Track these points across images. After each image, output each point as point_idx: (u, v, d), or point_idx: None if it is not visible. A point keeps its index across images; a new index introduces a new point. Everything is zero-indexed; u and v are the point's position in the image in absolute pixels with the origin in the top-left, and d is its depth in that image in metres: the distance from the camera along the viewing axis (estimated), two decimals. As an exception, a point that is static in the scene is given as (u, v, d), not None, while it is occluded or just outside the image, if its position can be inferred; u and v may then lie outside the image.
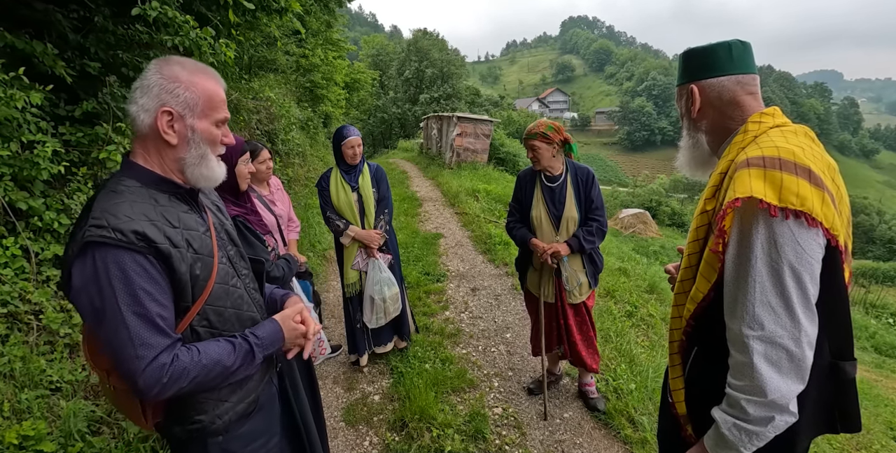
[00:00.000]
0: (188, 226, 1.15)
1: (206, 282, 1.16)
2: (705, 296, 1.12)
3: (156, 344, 1.03)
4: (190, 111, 1.12)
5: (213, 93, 1.16)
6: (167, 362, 1.03)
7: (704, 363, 1.21)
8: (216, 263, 1.20)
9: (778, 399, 0.98)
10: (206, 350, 1.12)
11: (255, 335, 1.23)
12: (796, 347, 0.97)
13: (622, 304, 4.87)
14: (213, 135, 1.18)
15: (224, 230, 1.34)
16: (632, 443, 2.69)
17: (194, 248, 1.14)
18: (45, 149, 2.66)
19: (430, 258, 6.07)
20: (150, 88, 1.09)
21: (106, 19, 3.47)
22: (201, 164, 1.17)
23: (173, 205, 1.15)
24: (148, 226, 1.04)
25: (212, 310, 1.19)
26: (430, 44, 37.13)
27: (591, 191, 2.67)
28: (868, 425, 4.02)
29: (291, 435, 1.68)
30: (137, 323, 1.01)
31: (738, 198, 0.98)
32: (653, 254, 13.05)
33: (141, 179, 1.12)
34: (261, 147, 2.77)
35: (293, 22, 6.83)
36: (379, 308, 3.20)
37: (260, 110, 7.45)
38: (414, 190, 11.32)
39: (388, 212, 3.24)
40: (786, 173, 0.98)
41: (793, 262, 0.96)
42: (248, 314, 1.32)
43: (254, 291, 1.39)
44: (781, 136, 1.08)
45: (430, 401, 2.93)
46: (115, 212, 1.02)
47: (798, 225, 0.96)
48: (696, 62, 1.24)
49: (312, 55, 12.52)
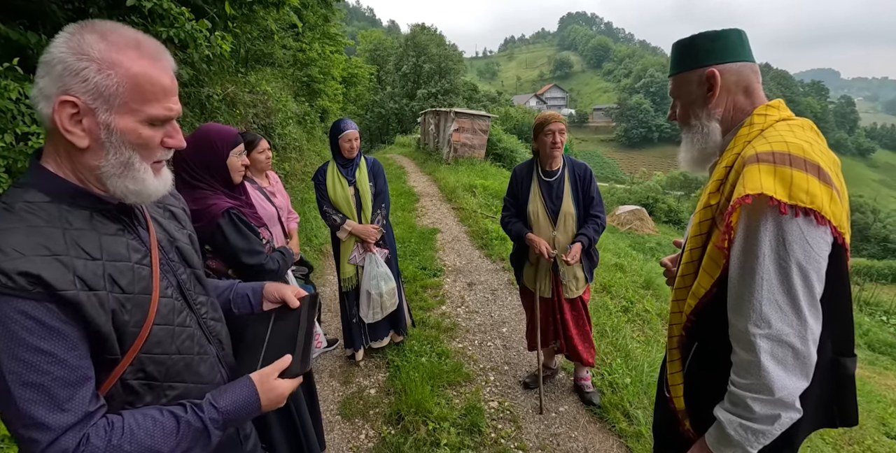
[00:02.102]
0: (114, 255, 0.88)
1: (139, 328, 0.89)
2: (707, 291, 1.10)
3: (54, 424, 0.76)
4: (104, 102, 0.81)
5: (144, 79, 0.83)
6: (70, 447, 0.77)
7: (705, 359, 1.20)
8: (155, 300, 0.93)
9: (785, 396, 0.98)
10: (137, 429, 0.84)
11: (214, 406, 0.93)
12: (802, 345, 0.97)
13: (618, 300, 4.89)
14: (144, 138, 0.87)
15: (175, 248, 1.06)
16: (626, 437, 2.70)
17: (121, 286, 0.86)
18: (40, 141, 2.64)
19: (426, 253, 6.07)
20: (52, 66, 0.79)
21: (101, 10, 3.45)
22: (125, 176, 0.87)
23: (94, 227, 0.87)
24: (46, 266, 0.76)
25: (149, 358, 0.92)
26: (428, 39, 37.00)
27: (589, 187, 2.67)
28: (861, 421, 4.04)
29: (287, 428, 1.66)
30: (27, 396, 0.75)
31: (748, 194, 0.95)
32: (649, 250, 13.11)
33: (50, 192, 0.84)
34: (259, 137, 2.76)
35: (290, 15, 6.79)
36: (375, 302, 3.20)
37: (256, 104, 7.40)
38: (411, 185, 11.30)
39: (385, 207, 3.24)
40: (796, 170, 0.96)
41: (801, 260, 0.95)
42: (203, 358, 1.05)
43: (213, 322, 1.13)
44: (789, 131, 1.06)
45: (426, 395, 2.94)
46: (2, 244, 0.75)
47: (807, 223, 0.94)
48: (715, 45, 1.16)
49: (310, 49, 12.44)
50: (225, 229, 1.84)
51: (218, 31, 4.04)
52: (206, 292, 1.14)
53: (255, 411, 0.98)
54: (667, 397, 1.30)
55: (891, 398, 5.75)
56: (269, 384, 0.99)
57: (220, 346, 1.15)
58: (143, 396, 0.92)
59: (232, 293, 1.28)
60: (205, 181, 1.89)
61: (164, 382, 0.95)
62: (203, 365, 1.05)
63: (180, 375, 0.98)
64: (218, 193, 1.90)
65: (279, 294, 1.24)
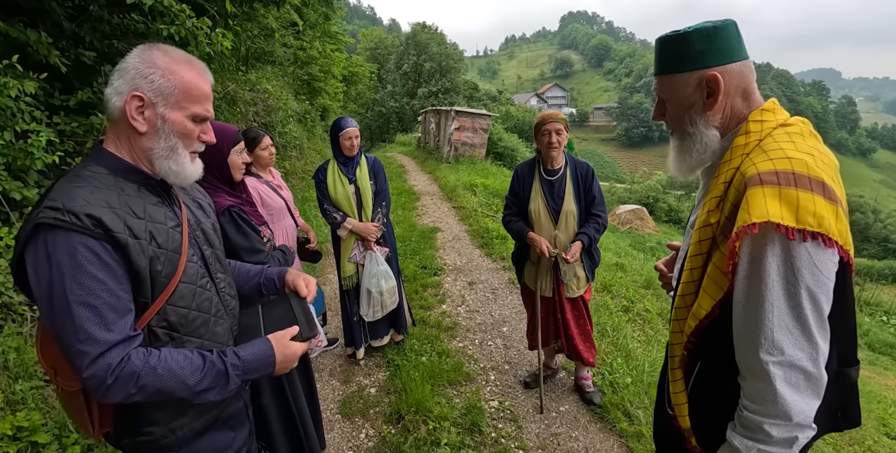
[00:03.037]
0: (154, 218, 1.08)
1: (168, 279, 1.07)
2: (709, 313, 1.06)
3: (102, 339, 0.93)
4: (163, 99, 1.05)
5: (192, 85, 1.08)
6: (113, 362, 0.94)
7: (710, 380, 1.16)
8: (183, 260, 1.11)
9: (802, 420, 0.96)
10: (168, 358, 1.01)
11: (236, 354, 1.10)
12: (814, 368, 0.95)
13: (619, 299, 4.89)
14: (187, 129, 1.10)
15: (200, 229, 1.25)
16: (627, 437, 2.70)
17: (157, 242, 1.06)
18: (39, 139, 2.63)
19: (427, 252, 6.07)
20: (127, 71, 1.04)
21: (101, 8, 3.44)
22: (170, 158, 1.09)
23: (141, 196, 1.08)
24: (106, 213, 0.97)
25: (173, 310, 1.09)
26: (429, 38, 36.98)
27: (591, 186, 2.66)
28: (861, 421, 4.05)
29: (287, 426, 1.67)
30: (84, 314, 0.92)
31: (754, 223, 0.91)
32: (649, 249, 13.09)
33: (109, 166, 1.06)
34: (262, 134, 2.76)
35: (291, 13, 6.79)
36: (376, 301, 3.19)
37: (257, 102, 7.40)
38: (412, 184, 11.29)
39: (385, 205, 3.23)
40: (801, 190, 0.91)
41: (810, 285, 0.92)
42: (219, 321, 1.22)
43: (229, 298, 1.30)
44: (789, 141, 1.01)
45: (426, 394, 2.94)
46: (73, 195, 0.96)
47: (815, 246, 0.91)
48: (715, 44, 1.05)
49: (310, 47, 12.44)
50: (226, 227, 1.83)
51: (218, 29, 4.03)
52: (224, 271, 1.31)
53: (271, 366, 1.12)
54: (671, 415, 1.26)
55: (891, 398, 5.74)
56: (283, 342, 1.16)
57: (234, 320, 1.30)
58: (165, 345, 1.08)
59: (262, 278, 1.45)
60: (206, 179, 1.89)
61: (184, 334, 1.11)
62: (219, 326, 1.21)
63: (198, 331, 1.14)
64: (219, 191, 1.90)
65: (293, 283, 1.39)
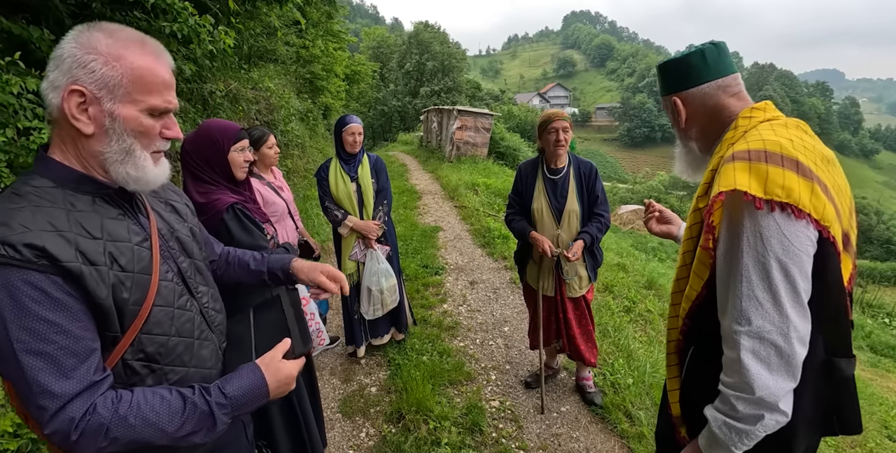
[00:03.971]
0: (115, 235, 0.92)
1: (138, 306, 0.92)
2: (698, 294, 1.11)
3: (60, 392, 0.80)
4: (109, 92, 0.87)
5: (145, 72, 0.90)
6: (76, 415, 0.80)
7: (699, 362, 1.19)
8: (155, 280, 0.97)
9: (766, 396, 0.96)
10: (142, 404, 0.87)
11: (222, 391, 0.94)
12: (785, 343, 0.95)
13: (620, 299, 4.88)
14: (144, 126, 0.92)
15: (175, 238, 1.10)
16: (628, 438, 2.69)
17: (120, 265, 0.90)
18: (41, 136, 2.62)
19: (428, 251, 6.06)
20: (63, 60, 0.86)
21: (104, 5, 3.43)
22: (126, 162, 0.92)
23: (97, 210, 0.92)
24: (51, 239, 0.81)
25: (150, 339, 0.95)
26: (432, 36, 36.97)
27: (594, 185, 2.65)
28: (863, 424, 4.04)
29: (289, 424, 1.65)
30: (36, 364, 0.79)
31: (721, 191, 0.97)
32: (651, 250, 13.07)
33: (55, 178, 0.90)
34: (267, 132, 2.76)
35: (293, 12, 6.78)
36: (376, 299, 3.19)
37: (259, 101, 7.39)
38: (413, 183, 11.29)
39: (386, 204, 3.23)
40: (771, 165, 0.96)
41: (780, 255, 0.94)
42: (204, 343, 1.08)
43: (214, 313, 1.15)
44: (770, 129, 1.07)
45: (427, 394, 2.93)
46: (9, 220, 0.80)
47: (784, 217, 0.94)
48: (674, 74, 1.24)
49: (313, 46, 12.43)
50: (229, 224, 1.83)
51: (221, 26, 4.02)
52: (207, 283, 1.16)
53: (264, 396, 0.98)
54: (667, 403, 1.29)
55: (893, 400, 5.72)
56: (274, 365, 1.01)
57: (222, 337, 1.17)
58: (144, 378, 0.95)
59: (266, 274, 1.34)
60: (209, 176, 1.89)
61: (165, 365, 0.98)
62: (204, 349, 1.07)
63: (181, 358, 1.01)
64: (222, 188, 1.90)
65: (312, 280, 1.27)
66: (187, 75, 4.06)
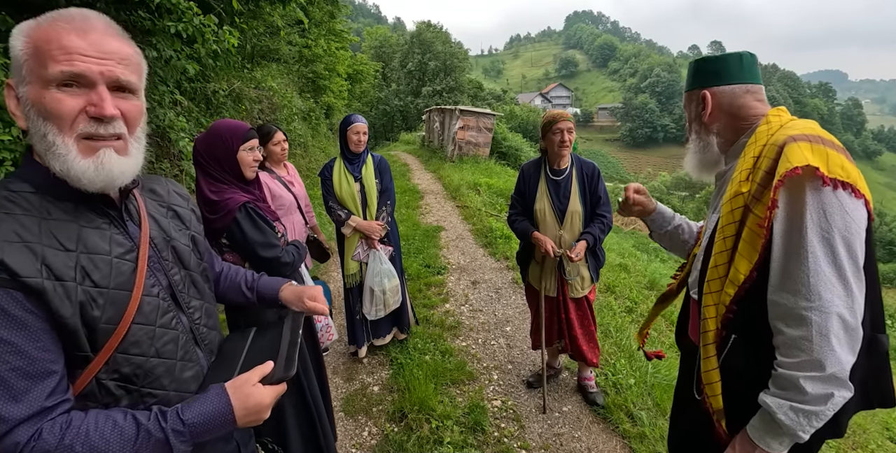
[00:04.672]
0: (92, 247, 0.84)
1: (114, 325, 0.84)
2: (747, 277, 1.08)
3: (7, 416, 0.73)
4: (17, 75, 0.78)
5: (43, 39, 0.77)
6: (21, 441, 0.73)
7: (744, 350, 1.16)
8: (136, 296, 0.88)
9: (838, 372, 0.96)
10: (93, 432, 0.78)
11: (180, 418, 0.84)
12: (851, 317, 0.97)
13: (622, 300, 4.88)
14: (51, 105, 0.77)
15: (171, 247, 1.01)
16: (630, 438, 2.69)
17: (93, 280, 0.82)
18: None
19: (430, 250, 6.07)
20: None
21: (108, 5, 3.44)
22: (49, 153, 0.79)
23: (78, 219, 0.84)
24: (14, 251, 0.74)
25: (126, 359, 0.86)
26: (434, 36, 36.99)
27: (597, 186, 2.66)
28: (864, 425, 4.04)
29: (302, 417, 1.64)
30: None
31: (796, 166, 0.98)
32: (653, 250, 13.04)
33: (36, 182, 0.82)
34: (274, 129, 2.81)
35: (296, 12, 6.80)
36: (379, 299, 3.20)
37: (262, 100, 7.41)
38: (415, 182, 11.30)
39: (390, 204, 3.23)
40: (829, 148, 1.02)
41: (843, 231, 0.97)
42: (187, 365, 0.98)
43: (206, 329, 1.06)
44: (808, 124, 1.13)
45: (429, 393, 2.94)
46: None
47: (846, 195, 0.98)
48: (709, 70, 1.28)
49: (315, 45, 12.45)
50: (242, 223, 1.87)
51: (226, 27, 4.04)
52: (201, 297, 1.08)
53: (229, 423, 0.88)
54: (696, 407, 1.24)
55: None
56: (244, 390, 0.90)
57: (211, 356, 1.09)
58: (119, 399, 0.88)
59: (255, 295, 1.29)
60: (220, 175, 1.92)
61: (142, 387, 0.89)
62: (187, 371, 0.98)
63: (159, 381, 0.92)
64: (232, 188, 1.92)
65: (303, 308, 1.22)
66: (191, 75, 4.07)
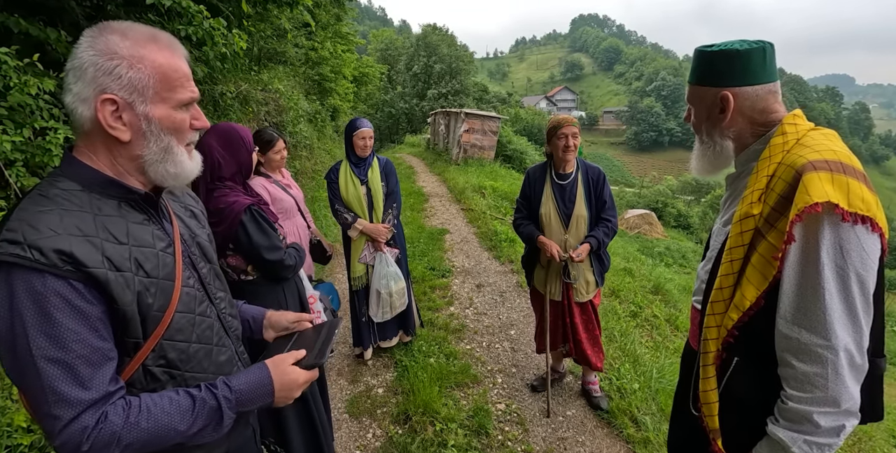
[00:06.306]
0: (140, 241, 0.92)
1: (162, 312, 0.92)
2: (753, 303, 1.06)
3: (76, 400, 0.78)
4: (140, 95, 0.86)
5: (169, 67, 0.89)
6: (90, 425, 0.79)
7: (747, 375, 1.15)
8: (178, 286, 0.96)
9: (851, 407, 0.97)
10: (154, 407, 0.86)
11: (228, 386, 0.95)
12: (859, 353, 0.97)
13: (627, 304, 4.87)
14: (177, 122, 0.92)
15: (196, 243, 1.10)
16: (634, 443, 2.68)
17: (145, 270, 0.90)
18: (57, 136, 2.67)
19: (435, 253, 6.07)
20: (84, 70, 0.83)
21: (118, 8, 3.49)
22: (167, 161, 0.92)
23: (123, 215, 0.91)
24: (79, 244, 0.80)
25: (171, 345, 0.95)
26: (440, 39, 37.04)
27: (602, 190, 2.66)
28: (870, 433, 4.00)
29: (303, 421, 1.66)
30: (53, 372, 0.77)
31: (817, 202, 0.93)
32: (658, 255, 13.02)
33: (84, 181, 0.88)
34: (276, 136, 2.75)
35: (303, 14, 6.82)
36: (385, 302, 3.21)
37: (268, 102, 7.44)
38: (420, 185, 11.32)
39: (396, 207, 3.24)
40: (850, 177, 0.96)
41: (858, 268, 0.95)
42: (222, 349, 1.08)
43: (231, 318, 1.16)
44: (826, 140, 1.06)
45: (433, 395, 2.94)
46: (37, 223, 0.79)
47: (864, 230, 0.95)
48: (730, 68, 1.14)
49: (321, 48, 12.50)
50: (248, 226, 1.86)
51: (235, 29, 4.07)
52: (224, 288, 1.17)
53: (268, 395, 0.98)
54: (695, 415, 1.25)
55: (902, 409, 5.66)
56: (282, 367, 1.01)
57: (238, 342, 1.18)
58: (164, 384, 0.95)
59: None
60: (229, 179, 1.91)
61: (185, 371, 0.98)
62: (222, 355, 1.08)
63: (200, 364, 1.01)
64: (236, 191, 1.92)
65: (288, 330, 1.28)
66: (199, 77, 4.10)
